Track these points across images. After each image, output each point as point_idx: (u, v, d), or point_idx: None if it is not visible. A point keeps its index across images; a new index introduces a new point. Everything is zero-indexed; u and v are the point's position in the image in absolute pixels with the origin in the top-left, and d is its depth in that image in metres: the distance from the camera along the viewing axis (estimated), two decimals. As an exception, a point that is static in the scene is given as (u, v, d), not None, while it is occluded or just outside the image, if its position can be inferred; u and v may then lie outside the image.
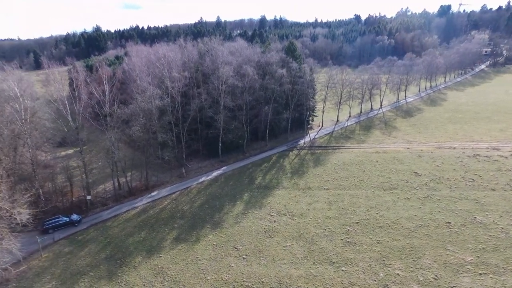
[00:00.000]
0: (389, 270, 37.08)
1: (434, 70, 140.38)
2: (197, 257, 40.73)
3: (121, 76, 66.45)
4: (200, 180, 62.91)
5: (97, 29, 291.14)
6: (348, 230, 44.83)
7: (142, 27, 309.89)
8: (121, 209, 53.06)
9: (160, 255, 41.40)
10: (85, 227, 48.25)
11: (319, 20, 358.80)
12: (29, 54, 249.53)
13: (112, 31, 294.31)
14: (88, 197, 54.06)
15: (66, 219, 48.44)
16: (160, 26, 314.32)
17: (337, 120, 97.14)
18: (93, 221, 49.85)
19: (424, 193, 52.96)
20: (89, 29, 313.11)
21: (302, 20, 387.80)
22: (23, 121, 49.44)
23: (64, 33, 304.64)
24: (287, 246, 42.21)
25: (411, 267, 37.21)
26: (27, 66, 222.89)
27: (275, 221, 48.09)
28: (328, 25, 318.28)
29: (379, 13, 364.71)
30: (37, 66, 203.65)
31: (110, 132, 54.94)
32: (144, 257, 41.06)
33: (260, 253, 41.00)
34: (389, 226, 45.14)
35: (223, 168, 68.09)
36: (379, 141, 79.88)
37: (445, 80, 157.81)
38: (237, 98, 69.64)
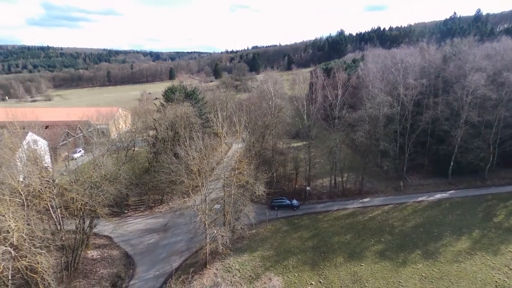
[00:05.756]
0: None
1: None
2: (399, 282, 37.71)
3: (355, 82, 69.16)
4: (419, 199, 56.84)
5: (341, 33, 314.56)
6: None
7: (383, 29, 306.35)
8: (332, 206, 56.43)
9: (361, 264, 41.21)
10: (300, 213, 54.73)
11: None
12: (284, 57, 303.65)
13: (354, 34, 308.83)
14: (308, 188, 60.78)
15: (288, 202, 56.56)
16: (402, 26, 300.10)
17: None
18: (308, 210, 55.69)
19: None
20: (333, 33, 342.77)
21: None
22: (272, 115, 61.59)
23: (313, 38, 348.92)
24: (528, 318, 31.66)
25: None
26: (281, 67, 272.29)
27: (515, 278, 36.96)
28: None
29: None
30: (288, 67, 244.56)
31: (335, 133, 58.98)
32: (345, 260, 42.16)
33: (483, 310, 32.97)
34: None
35: (450, 192, 58.49)
36: None
37: None
38: (486, 112, 56.97)
